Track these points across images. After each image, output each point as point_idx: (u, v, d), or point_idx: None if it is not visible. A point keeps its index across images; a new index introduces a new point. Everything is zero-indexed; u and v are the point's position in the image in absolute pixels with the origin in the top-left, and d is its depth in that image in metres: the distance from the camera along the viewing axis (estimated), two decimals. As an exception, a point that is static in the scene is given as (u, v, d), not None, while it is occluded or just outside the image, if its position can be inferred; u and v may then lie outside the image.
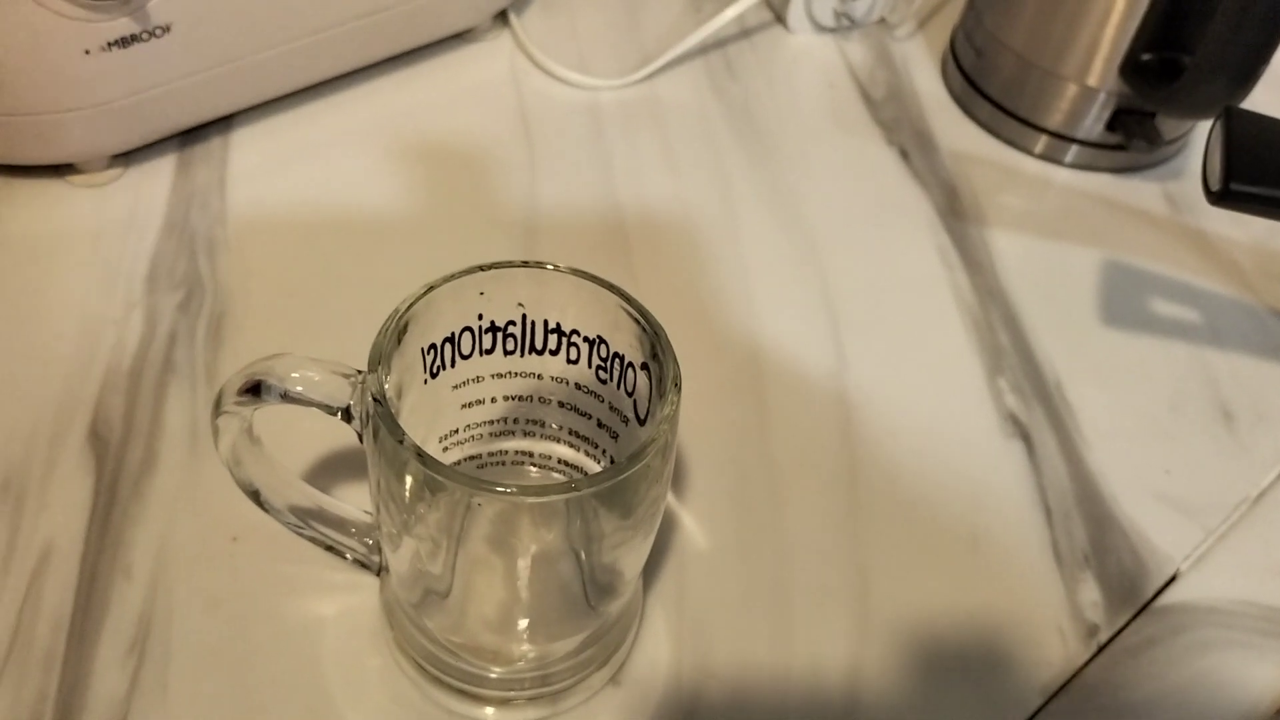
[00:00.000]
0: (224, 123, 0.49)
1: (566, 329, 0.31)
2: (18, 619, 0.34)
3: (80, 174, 0.46)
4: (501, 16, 0.56)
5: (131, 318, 0.41)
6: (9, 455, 0.37)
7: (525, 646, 0.33)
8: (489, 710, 0.34)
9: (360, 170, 0.48)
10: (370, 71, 0.52)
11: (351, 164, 0.49)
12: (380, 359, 0.28)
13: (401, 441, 0.26)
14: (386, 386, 0.28)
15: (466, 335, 0.31)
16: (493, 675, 0.33)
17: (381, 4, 0.48)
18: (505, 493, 0.26)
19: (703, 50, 0.56)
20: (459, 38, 0.54)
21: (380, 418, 0.27)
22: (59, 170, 0.46)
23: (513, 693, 0.33)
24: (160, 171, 0.47)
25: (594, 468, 0.34)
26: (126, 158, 0.47)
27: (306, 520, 0.33)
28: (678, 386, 0.28)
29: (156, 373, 0.40)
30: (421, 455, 0.26)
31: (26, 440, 0.38)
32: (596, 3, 0.58)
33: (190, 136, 0.48)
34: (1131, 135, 0.51)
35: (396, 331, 0.28)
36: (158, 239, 0.44)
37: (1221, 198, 0.37)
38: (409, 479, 0.27)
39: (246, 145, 0.48)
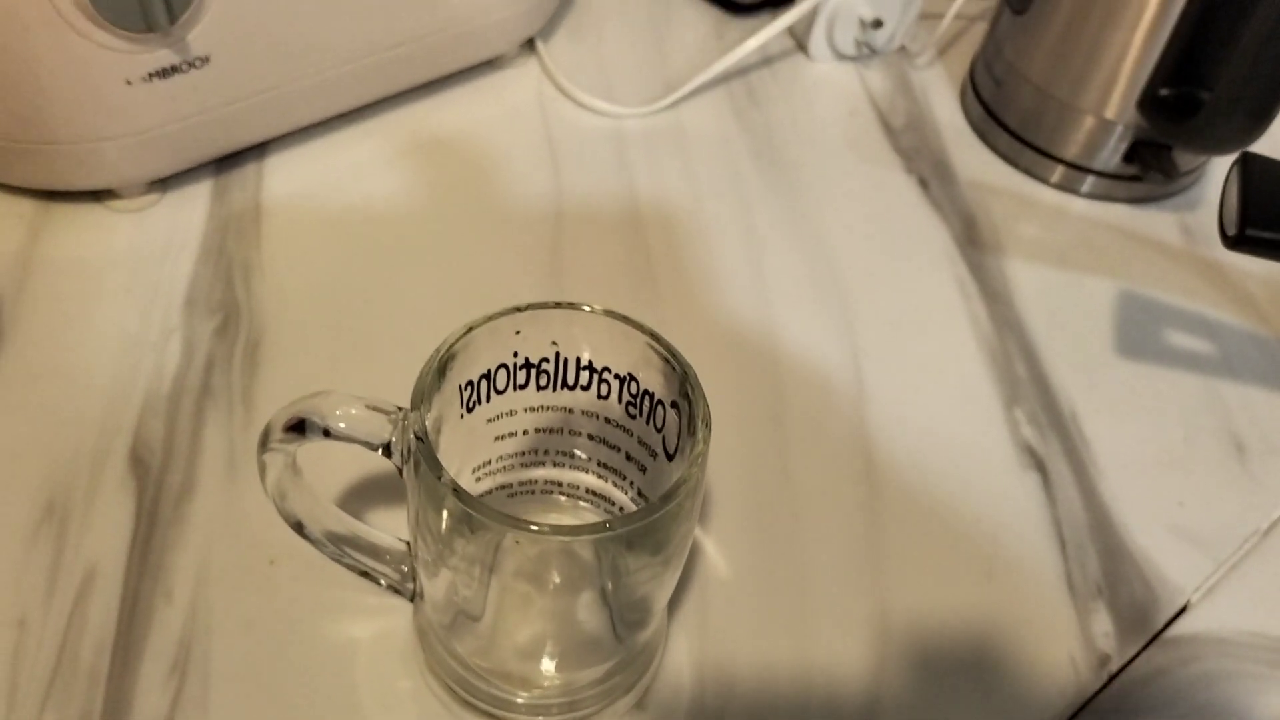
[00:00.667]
0: (258, 149, 0.50)
1: (598, 366, 0.32)
2: (63, 639, 0.35)
3: (119, 199, 0.47)
4: (529, 44, 0.57)
5: (169, 342, 0.43)
6: (53, 478, 0.38)
7: (552, 674, 0.34)
8: (517, 733, 0.35)
9: (390, 195, 0.50)
10: (400, 98, 0.53)
11: (382, 189, 0.50)
12: (423, 398, 0.29)
13: (440, 478, 0.27)
14: (427, 423, 0.29)
15: (502, 372, 0.32)
16: (520, 700, 0.34)
17: (413, 34, 0.50)
18: (539, 532, 0.27)
19: (726, 78, 0.57)
20: (487, 65, 0.55)
21: (421, 454, 0.28)
22: (98, 196, 0.47)
23: (540, 717, 0.34)
24: (197, 197, 0.48)
25: (621, 498, 0.35)
26: (164, 184, 0.48)
27: (343, 548, 0.34)
28: (708, 425, 0.29)
29: (195, 397, 0.41)
30: (459, 491, 0.27)
31: (69, 463, 0.39)
32: (622, 31, 0.59)
33: (226, 163, 0.49)
34: (1148, 167, 0.52)
35: (438, 371, 0.29)
36: (195, 264, 0.45)
37: (1237, 243, 0.38)
38: (446, 513, 0.28)
39: (280, 171, 0.50)
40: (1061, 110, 0.53)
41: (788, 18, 0.56)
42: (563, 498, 0.37)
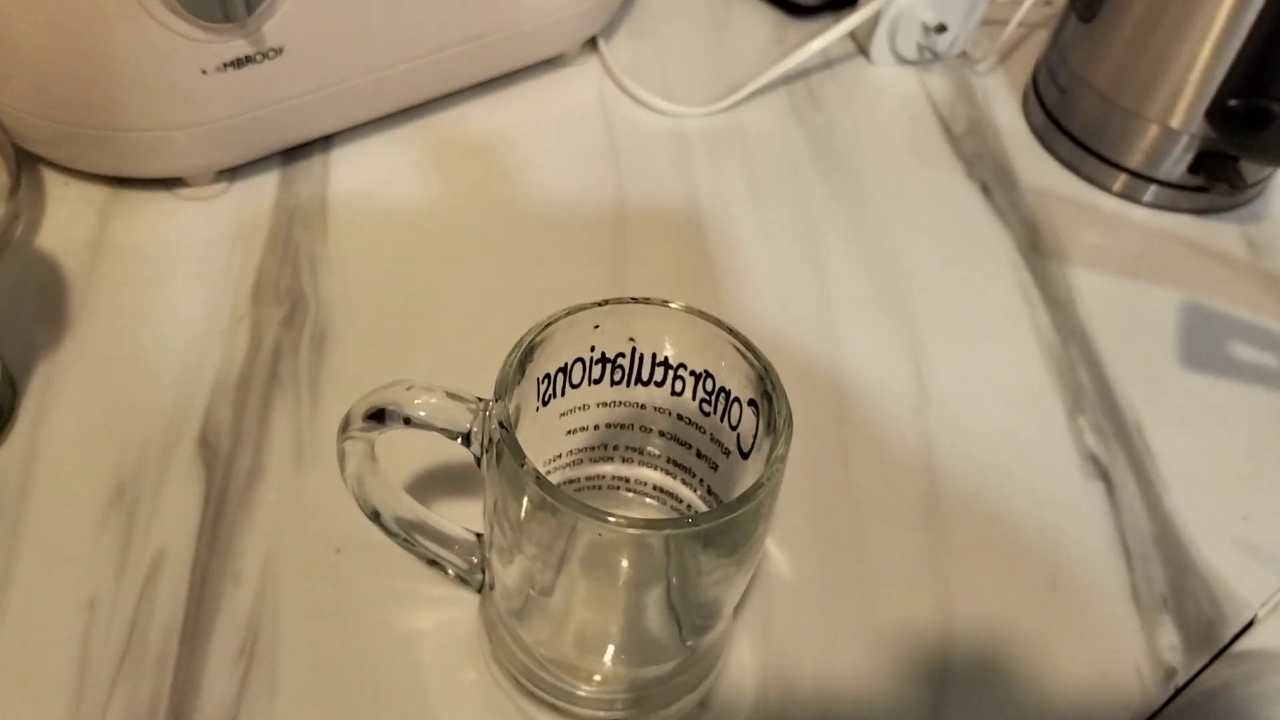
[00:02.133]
0: (324, 142, 0.50)
1: (674, 363, 0.32)
2: (132, 621, 0.35)
3: (188, 188, 0.47)
4: (591, 43, 0.57)
5: (238, 331, 0.43)
6: (123, 462, 0.39)
7: (616, 669, 0.34)
8: (579, 727, 0.35)
9: (454, 190, 0.50)
10: (462, 95, 0.53)
11: (445, 184, 0.50)
12: (506, 389, 0.29)
13: (523, 466, 0.27)
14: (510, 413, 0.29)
15: (578, 366, 0.32)
16: (583, 693, 0.34)
17: (479, 31, 0.50)
18: (618, 523, 0.27)
19: (787, 80, 0.57)
20: (550, 63, 0.55)
21: (506, 443, 0.28)
22: (168, 184, 0.47)
23: (603, 712, 0.34)
24: (264, 187, 0.48)
25: (689, 495, 0.35)
26: (232, 173, 0.48)
27: (415, 535, 0.34)
28: (789, 424, 0.29)
29: (262, 385, 0.41)
30: (540, 480, 0.27)
31: (139, 448, 0.39)
32: (684, 31, 0.59)
33: (292, 154, 0.50)
34: (1214, 178, 0.52)
35: (520, 363, 0.29)
36: (262, 254, 0.46)
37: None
38: (526, 500, 0.28)
39: (346, 164, 0.50)
40: (1126, 118, 0.53)
41: (850, 21, 0.56)
42: (629, 494, 0.37)
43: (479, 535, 0.35)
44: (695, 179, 0.52)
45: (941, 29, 0.57)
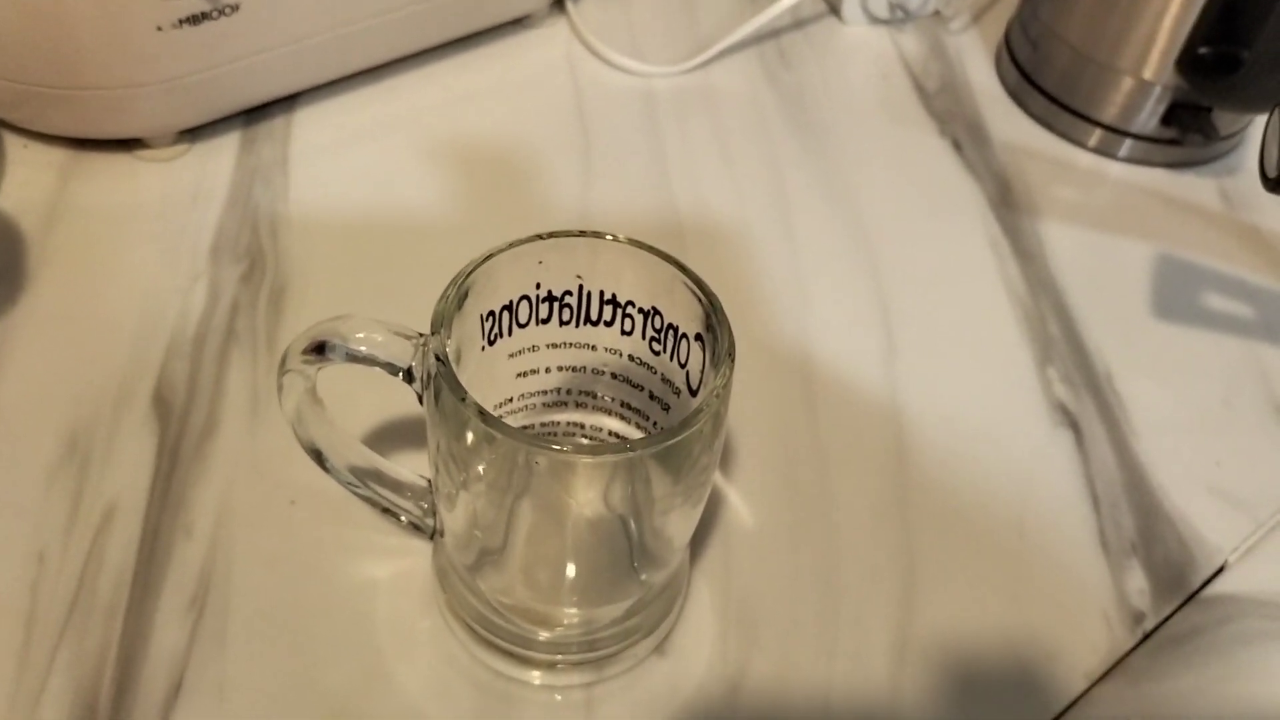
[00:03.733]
0: (287, 102, 0.50)
1: (622, 300, 0.32)
2: (82, 572, 0.35)
3: (148, 149, 0.47)
4: (559, 3, 0.56)
5: (196, 288, 0.43)
6: (77, 416, 0.38)
7: (572, 610, 0.34)
8: (535, 673, 0.34)
9: (417, 152, 0.49)
10: (428, 56, 0.53)
11: (409, 146, 0.49)
12: (443, 321, 0.28)
13: (463, 400, 0.27)
14: (448, 348, 0.28)
15: (524, 304, 0.32)
16: (540, 638, 0.34)
17: (443, -12, 0.49)
18: (561, 451, 0.27)
19: (757, 39, 0.57)
20: (516, 24, 0.55)
21: (443, 378, 0.27)
22: (128, 145, 0.47)
23: (560, 656, 0.34)
24: (225, 148, 0.48)
25: (644, 440, 0.35)
26: (193, 134, 0.48)
27: (364, 481, 0.34)
28: (731, 356, 0.29)
29: (219, 341, 0.41)
30: (482, 414, 0.27)
31: (94, 402, 0.39)
32: (652, -9, 0.59)
33: (255, 115, 0.49)
34: (1187, 130, 0.51)
35: (458, 296, 0.29)
36: (222, 213, 0.45)
37: (1279, 185, 0.37)
38: (469, 436, 0.28)
39: (309, 125, 0.49)
40: (1099, 72, 0.52)
41: (821, -21, 0.56)
42: (585, 440, 0.36)
43: (430, 480, 0.35)
44: (664, 139, 0.52)
45: (913, -14, 0.57)
